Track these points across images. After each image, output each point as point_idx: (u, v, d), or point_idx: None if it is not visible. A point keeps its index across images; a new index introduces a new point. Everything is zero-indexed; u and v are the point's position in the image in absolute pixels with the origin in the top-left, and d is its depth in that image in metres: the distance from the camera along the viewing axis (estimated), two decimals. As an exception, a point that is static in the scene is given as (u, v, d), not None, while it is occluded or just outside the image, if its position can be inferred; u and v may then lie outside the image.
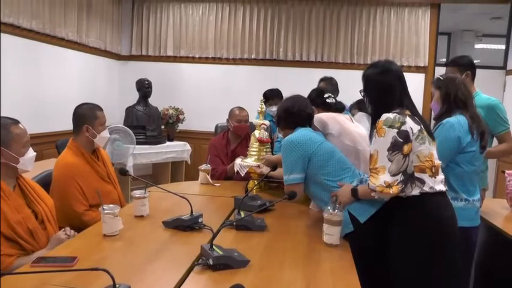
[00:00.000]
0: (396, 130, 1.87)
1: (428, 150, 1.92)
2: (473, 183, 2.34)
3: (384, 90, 1.98)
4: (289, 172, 2.31)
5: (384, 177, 1.86)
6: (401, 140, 1.86)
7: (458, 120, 2.27)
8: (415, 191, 1.90)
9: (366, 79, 2.07)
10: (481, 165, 2.44)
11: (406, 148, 1.87)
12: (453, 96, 2.33)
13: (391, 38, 5.91)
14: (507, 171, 2.96)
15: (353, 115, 3.46)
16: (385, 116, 1.91)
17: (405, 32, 5.89)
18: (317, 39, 6.04)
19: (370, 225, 2.06)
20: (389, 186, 1.86)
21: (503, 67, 5.86)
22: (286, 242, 2.00)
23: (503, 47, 6.03)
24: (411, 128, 1.89)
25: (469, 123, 2.27)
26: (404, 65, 5.79)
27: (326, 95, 2.79)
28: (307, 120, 2.51)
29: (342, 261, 1.80)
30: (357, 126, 2.72)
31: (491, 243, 2.83)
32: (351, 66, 5.94)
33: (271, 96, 4.23)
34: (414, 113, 1.97)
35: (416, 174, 1.90)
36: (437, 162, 1.96)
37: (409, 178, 1.89)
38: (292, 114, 2.50)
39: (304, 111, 2.50)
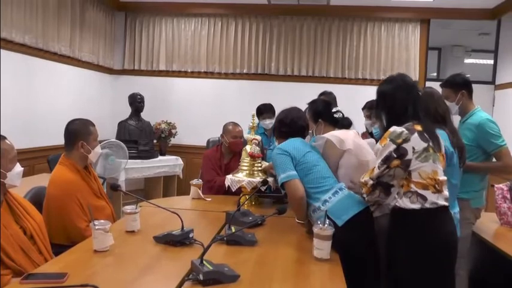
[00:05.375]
0: (395, 146, 1.94)
1: (431, 168, 1.95)
2: (453, 196, 2.34)
3: (396, 105, 2.06)
4: (282, 171, 2.33)
5: (366, 177, 2.05)
6: (395, 156, 1.94)
7: (441, 133, 2.25)
8: (415, 205, 1.92)
9: (379, 94, 2.15)
10: (459, 181, 2.45)
11: (394, 162, 1.95)
12: (433, 112, 2.36)
13: (382, 53, 5.99)
14: (496, 185, 2.97)
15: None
16: (393, 129, 1.98)
17: (396, 47, 5.97)
18: (308, 54, 6.10)
19: (360, 235, 2.14)
20: (364, 184, 2.05)
21: (492, 82, 5.94)
22: (277, 256, 2.00)
23: (491, 61, 6.12)
24: (413, 148, 1.94)
25: (449, 137, 2.29)
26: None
27: (334, 110, 2.76)
28: (299, 132, 2.59)
29: (332, 276, 1.81)
30: (365, 142, 2.71)
31: (482, 257, 2.84)
32: (342, 80, 6.01)
33: (265, 110, 4.48)
34: (427, 128, 2.00)
35: (419, 191, 1.93)
36: (442, 178, 1.97)
37: (385, 188, 2.01)
38: (285, 125, 2.60)
39: (297, 123, 2.59)
